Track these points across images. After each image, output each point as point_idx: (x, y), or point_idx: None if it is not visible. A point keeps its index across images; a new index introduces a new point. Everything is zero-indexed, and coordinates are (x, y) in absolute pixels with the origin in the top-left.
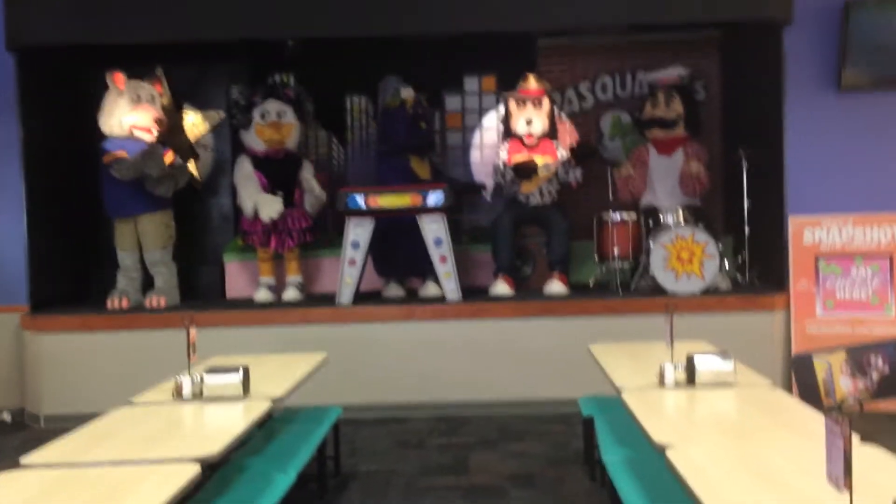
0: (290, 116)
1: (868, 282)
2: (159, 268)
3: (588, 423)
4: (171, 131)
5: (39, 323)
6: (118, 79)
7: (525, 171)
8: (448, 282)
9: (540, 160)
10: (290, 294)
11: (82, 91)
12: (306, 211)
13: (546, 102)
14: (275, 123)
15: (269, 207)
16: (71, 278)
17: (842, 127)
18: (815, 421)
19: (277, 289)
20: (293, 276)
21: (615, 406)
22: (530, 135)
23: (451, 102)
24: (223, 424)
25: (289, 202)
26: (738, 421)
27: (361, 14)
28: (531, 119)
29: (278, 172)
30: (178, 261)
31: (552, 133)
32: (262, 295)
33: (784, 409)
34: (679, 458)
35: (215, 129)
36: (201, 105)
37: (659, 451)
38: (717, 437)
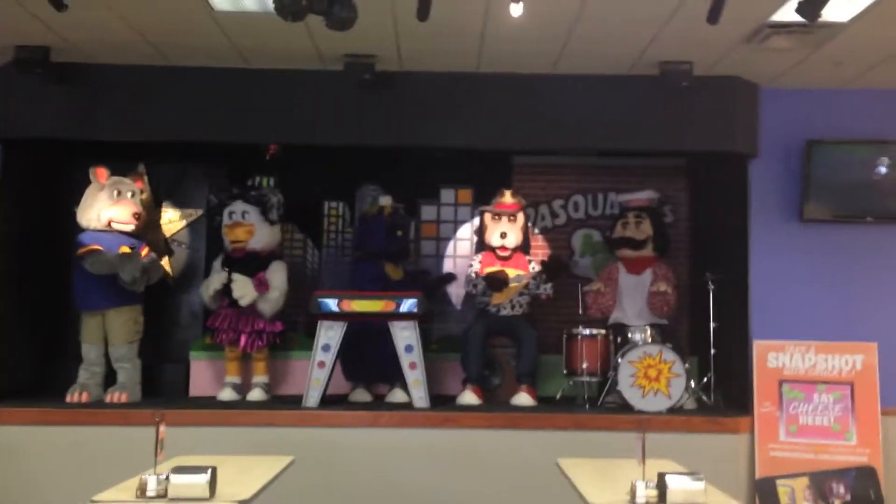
0: (252, 217)
1: (830, 409)
2: (123, 363)
3: None
4: (147, 227)
5: None
6: (101, 173)
7: (496, 282)
8: (417, 389)
9: (512, 272)
10: (256, 394)
11: (61, 183)
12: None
13: (521, 217)
14: (237, 224)
15: (243, 288)
16: (33, 370)
17: (804, 256)
18: None
19: (243, 389)
20: (259, 377)
21: None
22: (504, 248)
23: (427, 212)
24: None
25: None
26: None
27: (343, 123)
28: (505, 232)
29: (241, 272)
30: (144, 356)
31: (525, 247)
32: (227, 394)
33: None
34: None
35: (191, 227)
36: (181, 203)
37: None
38: None
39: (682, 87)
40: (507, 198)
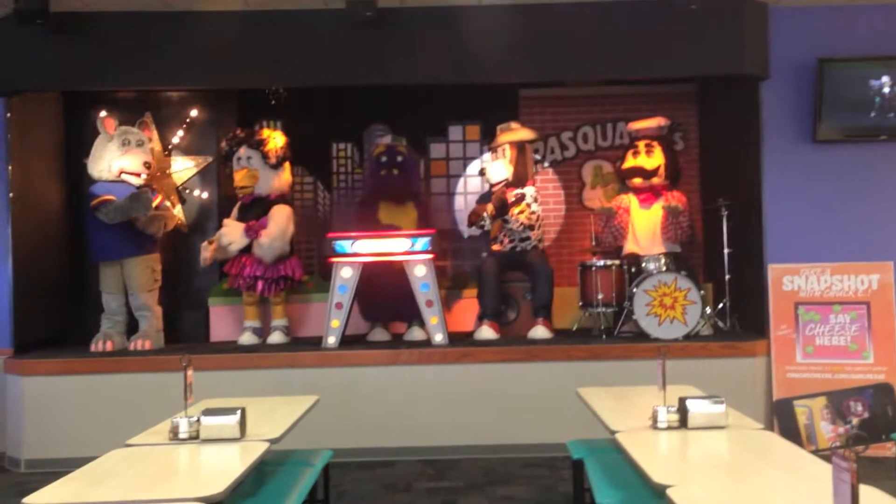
0: (256, 161)
1: (846, 328)
2: (144, 311)
3: (578, 466)
4: (158, 176)
5: (22, 366)
6: (108, 123)
7: (501, 207)
8: (434, 326)
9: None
10: (275, 338)
11: (71, 135)
12: (299, 263)
13: (508, 150)
14: (242, 169)
15: (231, 234)
16: (55, 321)
17: (818, 177)
18: (808, 462)
19: (262, 332)
20: (278, 320)
21: (605, 449)
22: (493, 182)
23: (436, 150)
24: (223, 465)
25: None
26: (734, 462)
27: (348, 64)
28: (486, 168)
29: (249, 217)
30: (163, 304)
31: (517, 181)
32: (247, 338)
33: (777, 450)
34: (680, 498)
35: (202, 174)
36: (189, 150)
37: (658, 492)
38: (716, 476)
39: (690, 10)
40: (497, 132)
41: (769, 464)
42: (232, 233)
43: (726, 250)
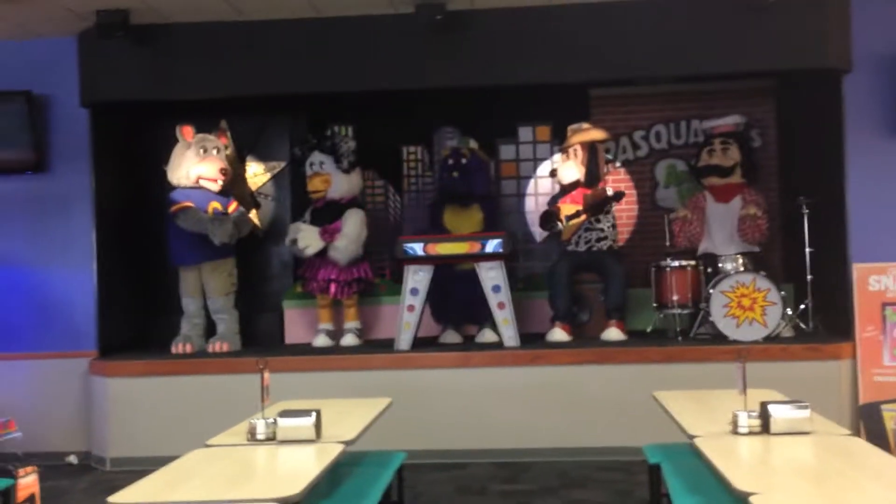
0: (328, 166)
1: None
2: (222, 314)
3: (655, 471)
4: (234, 181)
5: (107, 368)
6: (186, 132)
7: (546, 220)
8: (506, 328)
9: (571, 209)
10: (349, 340)
11: (151, 144)
12: (370, 267)
13: (580, 151)
14: (315, 174)
15: (307, 238)
16: (137, 324)
17: None
18: None
19: (336, 335)
20: (351, 322)
21: (682, 453)
22: (562, 184)
23: (506, 151)
24: (299, 466)
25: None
26: (820, 469)
27: (417, 66)
28: (555, 169)
29: (322, 220)
30: (240, 307)
31: (589, 182)
32: (321, 340)
33: (865, 456)
34: None
35: (275, 179)
36: (263, 156)
37: (740, 499)
38: (801, 484)
39: (768, 3)
40: (568, 133)
41: (858, 471)
42: (308, 237)
43: (808, 249)
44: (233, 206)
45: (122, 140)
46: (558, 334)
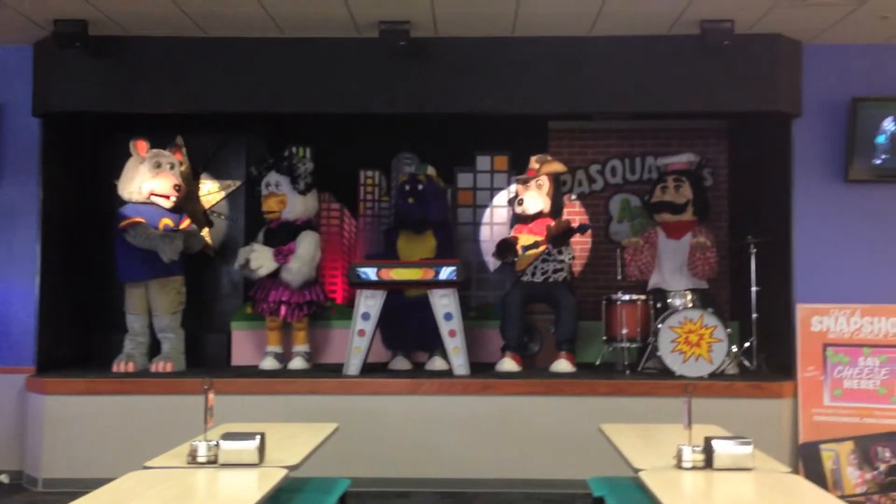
0: (284, 187)
1: (876, 372)
2: (167, 333)
3: None
4: (187, 199)
5: (44, 385)
6: (140, 146)
7: (502, 248)
8: (457, 356)
9: (530, 239)
10: (297, 363)
11: (103, 157)
12: (322, 290)
13: (545, 182)
14: (271, 194)
15: (260, 259)
16: (78, 341)
17: (849, 217)
18: None
19: (284, 357)
20: (300, 346)
21: (626, 487)
22: (525, 213)
23: (463, 180)
24: (240, 490)
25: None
26: None
27: (379, 91)
28: (522, 199)
29: (276, 241)
30: (186, 327)
31: (553, 212)
32: (269, 363)
33: (805, 494)
34: None
35: (230, 198)
36: (220, 174)
37: None
38: None
39: (723, 47)
40: (532, 164)
41: None
42: (261, 257)
43: (754, 288)
44: (185, 224)
45: (73, 152)
46: (508, 364)
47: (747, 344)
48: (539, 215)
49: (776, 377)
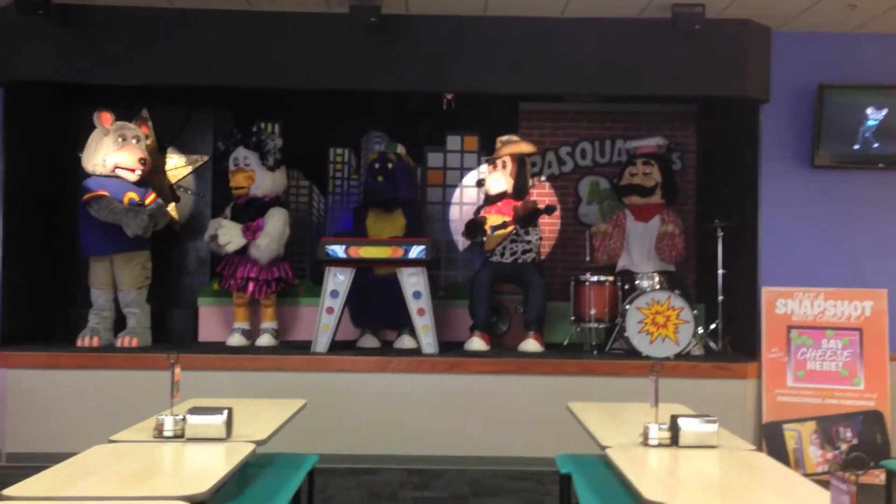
0: (252, 162)
1: (838, 354)
2: (133, 308)
3: (566, 481)
4: (153, 172)
5: (6, 359)
6: (105, 118)
7: (470, 228)
8: (425, 335)
9: (498, 219)
10: (264, 340)
11: (66, 128)
12: (289, 266)
13: (510, 163)
14: (239, 169)
15: (229, 234)
16: (42, 315)
17: (814, 202)
18: (801, 485)
19: (251, 334)
20: (268, 323)
21: (593, 464)
22: (487, 193)
23: (433, 159)
24: (207, 465)
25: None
26: (725, 481)
27: (350, 68)
28: (483, 179)
29: (243, 217)
30: (152, 302)
31: (517, 193)
32: (236, 339)
33: (767, 471)
34: None
35: (197, 172)
36: (186, 148)
37: None
38: (706, 495)
39: (693, 31)
40: (497, 145)
41: (761, 485)
42: (229, 233)
43: (720, 271)
44: (150, 198)
45: (36, 123)
46: (477, 343)
47: (713, 326)
48: (503, 195)
49: (741, 358)
